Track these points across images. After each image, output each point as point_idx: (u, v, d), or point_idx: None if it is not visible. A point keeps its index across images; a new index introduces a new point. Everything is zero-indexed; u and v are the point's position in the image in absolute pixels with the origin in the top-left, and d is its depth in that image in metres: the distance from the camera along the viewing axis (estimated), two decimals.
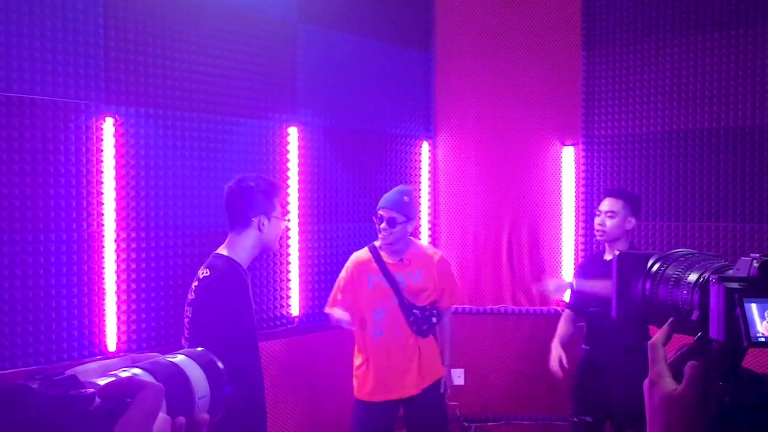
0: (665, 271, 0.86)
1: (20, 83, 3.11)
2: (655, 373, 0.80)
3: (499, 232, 5.10)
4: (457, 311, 5.11)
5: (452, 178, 5.15)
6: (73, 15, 3.27)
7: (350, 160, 4.51)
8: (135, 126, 3.49)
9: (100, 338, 3.37)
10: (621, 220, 3.50)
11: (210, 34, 3.78)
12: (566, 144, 5.03)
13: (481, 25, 5.06)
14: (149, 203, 3.54)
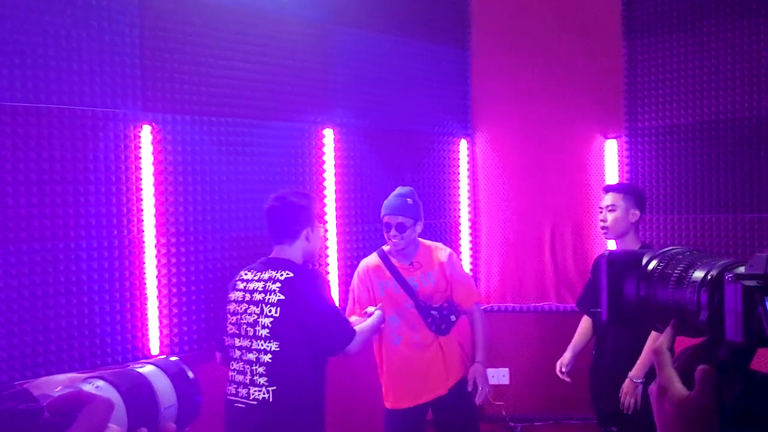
0: (663, 269, 0.81)
1: (59, 95, 3.18)
2: (664, 378, 0.76)
3: (541, 228, 5.02)
4: (500, 309, 5.06)
5: (491, 175, 5.08)
6: (109, 25, 3.33)
7: (387, 160, 4.50)
8: (172, 132, 3.54)
9: (143, 342, 3.43)
10: (623, 212, 3.40)
11: (244, 39, 3.81)
12: (609, 137, 4.92)
13: (518, 19, 4.99)
14: (188, 208, 3.58)
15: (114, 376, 0.66)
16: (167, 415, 0.71)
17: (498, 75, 5.01)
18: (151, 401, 0.70)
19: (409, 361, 3.44)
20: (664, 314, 0.80)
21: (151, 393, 0.70)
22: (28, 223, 3.09)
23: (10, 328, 3.03)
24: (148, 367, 0.71)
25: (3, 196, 3.02)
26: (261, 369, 2.77)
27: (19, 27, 3.07)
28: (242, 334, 2.82)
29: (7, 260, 3.03)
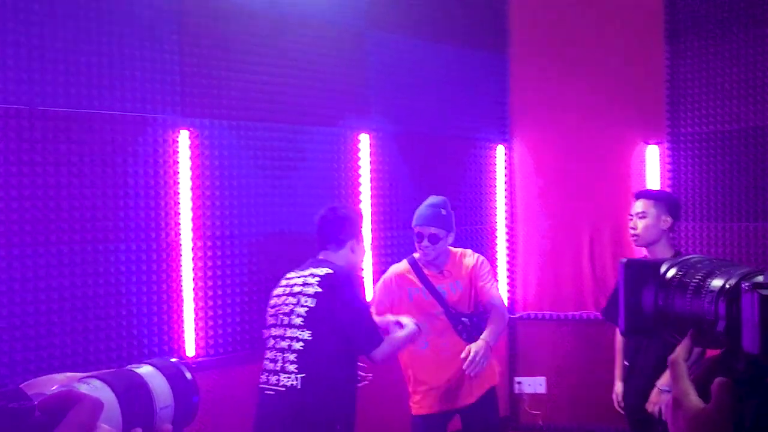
0: (682, 278, 0.78)
1: (100, 100, 3.26)
2: (679, 391, 0.73)
3: (579, 235, 4.95)
4: (537, 317, 5.00)
5: (529, 181, 5.03)
6: (150, 32, 3.40)
7: (423, 165, 4.49)
8: (209, 137, 3.59)
9: (179, 344, 3.48)
10: (654, 219, 3.28)
11: (280, 45, 3.85)
12: (650, 143, 4.83)
13: (557, 23, 4.94)
14: (224, 212, 3.63)
15: (110, 376, 0.67)
16: (163, 415, 0.71)
17: (536, 80, 4.96)
18: (147, 401, 0.70)
19: (435, 367, 3.40)
20: (681, 324, 0.78)
21: (147, 393, 0.70)
22: (69, 225, 3.17)
23: (51, 327, 3.11)
24: (146, 367, 0.72)
25: (45, 199, 3.11)
26: (292, 356, 2.85)
27: (64, 35, 3.16)
28: (278, 323, 2.93)
29: (48, 261, 3.11)
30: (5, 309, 2.99)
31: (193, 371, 0.79)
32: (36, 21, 3.09)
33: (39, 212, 3.09)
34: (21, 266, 3.04)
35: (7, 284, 3.00)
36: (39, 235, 3.09)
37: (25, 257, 3.05)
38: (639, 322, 0.83)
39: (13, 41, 3.02)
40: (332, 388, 2.84)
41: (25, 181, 3.06)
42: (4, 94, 3.01)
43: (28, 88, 3.06)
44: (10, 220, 3.02)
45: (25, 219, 3.06)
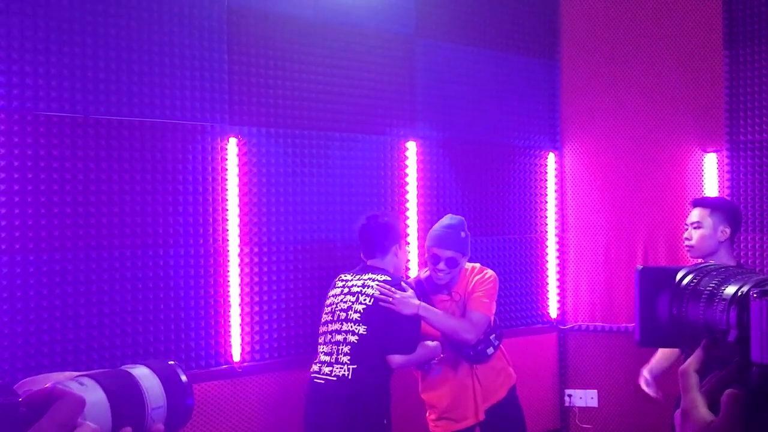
0: (696, 285, 0.74)
1: (151, 108, 3.34)
2: (688, 402, 0.70)
3: (633, 246, 4.82)
4: (589, 329, 4.88)
5: (581, 190, 4.93)
6: (200, 42, 3.47)
7: (471, 173, 4.45)
8: (257, 145, 3.64)
9: (226, 348, 3.53)
10: (711, 230, 3.13)
11: (328, 53, 3.88)
12: (708, 151, 4.67)
13: (611, 28, 4.83)
14: (271, 219, 3.67)
15: (102, 376, 0.69)
16: (155, 416, 0.72)
17: (588, 87, 4.87)
18: (139, 401, 0.71)
19: (449, 392, 3.29)
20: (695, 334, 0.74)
21: (139, 394, 0.71)
22: (120, 230, 3.25)
23: (102, 330, 3.19)
24: (141, 368, 0.74)
25: (98, 205, 3.20)
26: (346, 348, 3.03)
27: (117, 44, 3.25)
28: (334, 319, 3.11)
29: (100, 265, 3.20)
30: (58, 311, 3.09)
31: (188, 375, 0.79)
32: (89, 30, 3.19)
33: (93, 217, 3.18)
34: (74, 269, 3.13)
35: (60, 287, 3.10)
36: (92, 239, 3.18)
37: (77, 260, 3.14)
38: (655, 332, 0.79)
39: (68, 51, 3.13)
40: (378, 380, 3.03)
41: (79, 186, 3.16)
42: (59, 103, 3.11)
43: (82, 97, 3.16)
44: (64, 225, 3.12)
45: (78, 224, 3.15)
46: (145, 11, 3.33)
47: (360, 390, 2.98)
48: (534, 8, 4.79)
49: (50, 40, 3.10)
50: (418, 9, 4.23)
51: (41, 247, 3.06)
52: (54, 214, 3.09)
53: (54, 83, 3.10)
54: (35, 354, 3.03)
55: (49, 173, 3.09)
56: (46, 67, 3.09)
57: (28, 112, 3.05)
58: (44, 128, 3.08)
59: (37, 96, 3.07)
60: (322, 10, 3.84)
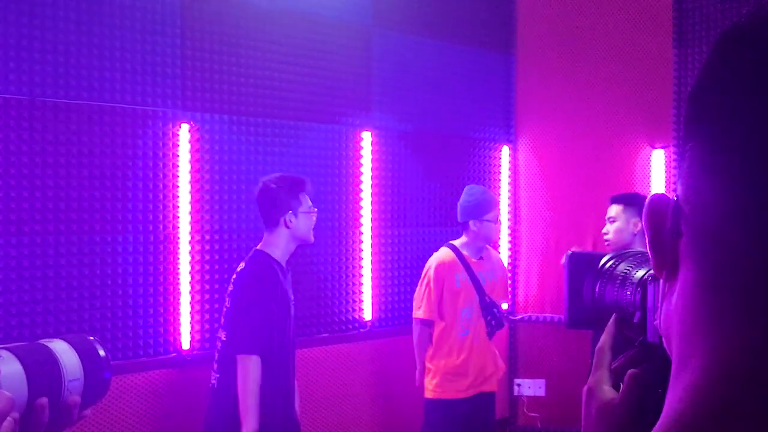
0: (614, 269, 0.78)
1: (101, 92, 3.28)
2: (594, 379, 0.72)
3: (582, 239, 4.91)
4: (538, 320, 4.97)
5: (533, 182, 5.01)
6: (152, 26, 3.41)
7: (426, 164, 4.48)
8: (210, 132, 3.60)
9: (175, 336, 3.50)
10: (624, 224, 3.41)
11: (284, 41, 3.86)
12: (656, 147, 4.79)
13: (565, 25, 4.91)
14: (223, 206, 3.64)
15: (19, 349, 0.71)
16: (72, 387, 0.75)
17: (542, 81, 4.94)
18: (56, 374, 0.73)
19: (473, 354, 3.59)
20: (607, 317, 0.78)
21: (56, 366, 0.73)
22: (67, 215, 3.19)
23: (46, 316, 3.13)
24: (59, 342, 0.76)
25: (44, 189, 3.13)
26: (216, 356, 2.96)
27: (65, 26, 3.18)
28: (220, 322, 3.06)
29: (45, 252, 3.13)
30: (2, 297, 3.02)
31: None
32: (36, 12, 3.11)
33: (38, 202, 3.12)
34: (18, 254, 3.07)
35: (3, 272, 3.03)
36: (36, 224, 3.11)
37: (21, 246, 3.08)
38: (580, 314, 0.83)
39: (14, 32, 3.05)
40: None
41: (24, 170, 3.09)
42: (4, 84, 3.03)
43: (29, 79, 3.09)
44: (8, 209, 3.04)
45: (23, 208, 3.08)
46: None
47: (225, 400, 2.83)
48: (491, 2, 4.83)
49: (5, 22, 3.02)
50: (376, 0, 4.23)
51: None
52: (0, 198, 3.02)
53: (4, 65, 3.02)
54: None
55: None
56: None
57: None
58: None
59: None
60: None
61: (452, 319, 3.56)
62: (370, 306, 4.21)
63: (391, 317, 4.25)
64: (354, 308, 4.18)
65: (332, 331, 4.07)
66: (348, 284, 4.15)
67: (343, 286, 4.13)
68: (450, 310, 3.56)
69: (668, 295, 0.46)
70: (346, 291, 4.14)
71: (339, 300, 4.11)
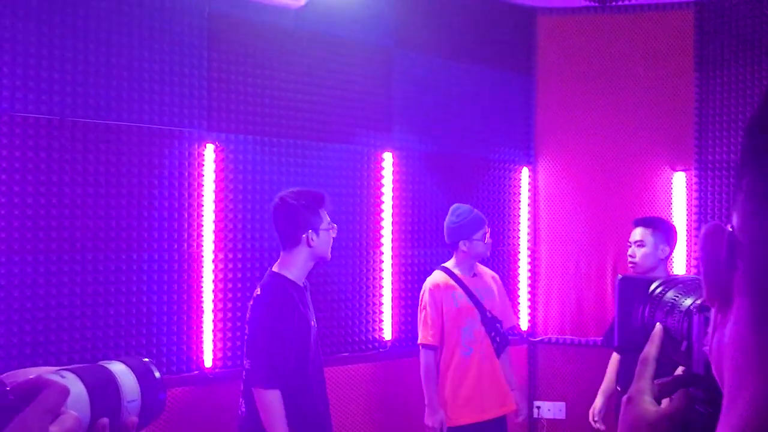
0: (664, 295, 0.79)
1: (129, 112, 3.34)
2: (636, 389, 0.73)
3: (603, 261, 4.90)
4: (558, 342, 4.95)
5: (553, 204, 5.01)
6: (180, 48, 3.48)
7: (446, 185, 4.50)
8: (234, 151, 3.65)
9: (198, 354, 3.52)
10: (652, 248, 3.38)
11: (307, 62, 3.91)
12: (677, 170, 4.78)
13: (586, 48, 4.93)
14: (246, 225, 3.68)
15: (82, 370, 0.72)
16: (130, 408, 0.77)
17: (563, 103, 4.96)
18: (115, 395, 0.75)
19: (477, 374, 3.54)
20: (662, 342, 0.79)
21: (116, 388, 0.76)
22: (95, 233, 3.24)
23: (72, 333, 3.17)
24: (117, 364, 0.77)
25: (72, 207, 3.18)
26: (242, 385, 2.89)
27: (96, 48, 3.25)
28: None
29: (73, 268, 3.18)
30: (29, 313, 3.07)
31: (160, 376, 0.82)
32: (67, 33, 3.18)
33: (67, 220, 3.17)
34: (46, 272, 3.11)
35: (32, 289, 3.08)
36: (65, 242, 3.16)
37: (50, 263, 3.12)
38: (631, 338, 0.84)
39: (46, 53, 3.12)
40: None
41: (54, 189, 3.14)
42: (36, 105, 3.10)
43: (60, 99, 3.16)
44: (37, 227, 3.10)
45: (52, 226, 3.13)
46: (126, 16, 3.34)
47: (253, 428, 2.75)
48: (511, 24, 4.87)
49: (29, 41, 3.09)
50: (398, 21, 4.29)
51: (13, 249, 3.04)
52: (28, 216, 3.08)
53: (31, 84, 3.09)
54: (5, 356, 3.00)
55: (24, 175, 3.07)
56: (24, 68, 3.08)
57: (4, 113, 3.03)
58: (20, 129, 3.07)
59: (13, 97, 3.05)
60: (303, 20, 3.87)
61: (454, 338, 3.54)
62: (390, 326, 4.21)
63: (411, 337, 4.25)
64: (374, 328, 4.18)
65: (352, 350, 4.08)
66: (368, 304, 4.16)
67: (363, 305, 4.14)
68: (451, 330, 3.55)
69: (720, 325, 0.47)
70: (366, 311, 4.15)
71: (359, 320, 4.12)
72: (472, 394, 3.53)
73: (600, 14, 4.89)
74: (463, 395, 3.53)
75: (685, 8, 4.73)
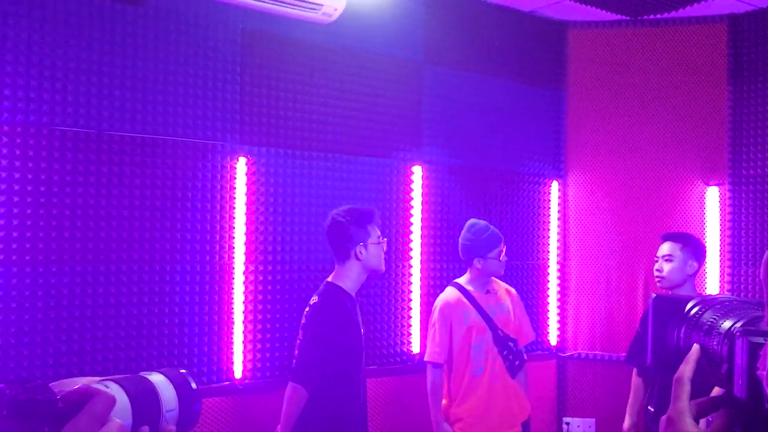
0: (701, 316, 0.79)
1: (164, 126, 3.40)
2: (675, 410, 0.73)
3: (634, 276, 4.85)
4: (588, 357, 4.90)
5: (583, 218, 4.98)
6: (213, 63, 3.54)
7: (476, 199, 4.50)
8: (266, 165, 3.69)
9: (228, 365, 3.56)
10: (680, 263, 3.35)
11: (338, 77, 3.95)
12: (710, 184, 4.72)
13: (617, 61, 4.91)
14: (276, 237, 3.71)
15: (124, 381, 0.76)
16: (169, 418, 0.80)
17: (594, 117, 4.93)
18: (155, 404, 0.79)
19: (488, 393, 3.50)
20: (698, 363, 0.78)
21: (156, 397, 0.79)
22: (129, 244, 3.30)
23: (106, 342, 3.22)
24: (157, 375, 0.81)
25: (108, 219, 3.25)
26: None
27: (134, 63, 3.32)
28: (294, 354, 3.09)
29: (108, 279, 3.24)
30: (65, 323, 3.13)
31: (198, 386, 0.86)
32: (106, 48, 3.26)
33: (102, 231, 3.23)
34: (82, 282, 3.17)
35: (68, 299, 3.14)
36: (100, 252, 3.22)
37: (86, 273, 3.18)
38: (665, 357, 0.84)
39: (84, 67, 3.20)
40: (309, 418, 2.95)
41: (90, 200, 3.21)
42: (74, 118, 3.18)
43: (97, 113, 3.23)
44: (74, 238, 3.16)
45: (88, 237, 3.20)
46: (162, 30, 3.41)
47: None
48: (541, 38, 4.87)
49: (67, 56, 3.17)
50: (427, 36, 4.31)
51: (51, 260, 3.10)
52: (65, 227, 3.14)
53: (70, 98, 3.17)
54: (43, 365, 3.06)
55: (62, 187, 3.14)
56: (63, 82, 3.15)
57: (44, 126, 3.11)
58: (58, 142, 3.14)
59: (52, 111, 3.13)
60: (335, 35, 3.91)
61: (464, 357, 3.51)
62: (418, 339, 4.21)
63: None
64: (402, 341, 4.19)
65: (380, 363, 4.08)
66: (396, 317, 4.17)
67: (392, 318, 4.15)
68: (461, 348, 3.52)
69: None
70: (394, 324, 4.16)
71: (387, 333, 4.13)
72: (483, 413, 3.49)
73: (631, 28, 4.86)
74: (474, 413, 3.49)
75: (719, 21, 4.68)
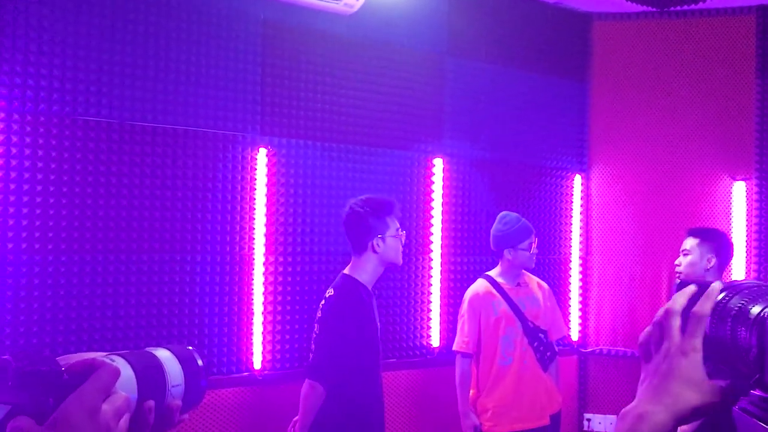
0: (728, 302, 0.76)
1: (185, 117, 3.41)
2: (691, 344, 0.73)
3: (658, 270, 4.78)
4: (610, 353, 4.85)
5: (606, 212, 4.92)
6: (235, 54, 3.54)
7: (497, 191, 4.46)
8: (286, 156, 3.69)
9: (248, 356, 3.57)
10: (697, 258, 3.33)
11: (360, 68, 3.93)
12: (737, 179, 4.64)
13: (642, 54, 4.83)
14: (296, 228, 3.71)
15: (130, 355, 0.76)
16: (174, 393, 0.80)
17: (618, 110, 4.87)
18: (161, 379, 0.79)
19: (516, 384, 3.50)
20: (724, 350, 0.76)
21: (161, 373, 0.79)
22: (150, 234, 3.32)
23: (127, 332, 3.25)
24: (163, 351, 0.81)
25: (129, 209, 3.27)
26: None
27: (155, 53, 3.33)
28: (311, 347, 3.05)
29: (129, 268, 3.26)
30: (86, 311, 3.15)
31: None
32: (128, 39, 3.27)
33: (123, 221, 3.25)
34: (103, 271, 3.20)
35: (89, 287, 3.16)
36: (121, 242, 3.25)
37: (107, 263, 3.21)
38: None
39: (106, 58, 3.22)
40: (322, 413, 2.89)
41: (112, 190, 3.23)
42: (96, 108, 3.20)
43: (119, 103, 3.25)
44: (96, 227, 3.19)
45: (109, 227, 3.22)
46: (184, 22, 3.42)
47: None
48: (565, 30, 4.81)
49: (90, 47, 3.19)
50: (449, 28, 4.28)
51: (73, 249, 3.13)
52: (87, 216, 3.17)
53: (93, 89, 3.19)
54: (63, 353, 3.09)
55: (84, 176, 3.17)
56: (86, 73, 3.17)
57: (67, 116, 3.13)
58: (81, 132, 3.16)
59: (75, 101, 3.15)
60: (356, 26, 3.90)
61: (492, 347, 3.52)
62: (438, 332, 4.19)
63: None
64: (422, 334, 4.17)
65: (399, 356, 4.07)
66: (416, 310, 4.15)
67: (412, 311, 4.13)
68: (489, 339, 3.52)
69: None
70: (414, 317, 4.14)
71: (407, 326, 4.11)
72: (510, 403, 3.49)
73: (657, 19, 4.79)
74: (502, 404, 3.50)
75: (747, 13, 4.60)
